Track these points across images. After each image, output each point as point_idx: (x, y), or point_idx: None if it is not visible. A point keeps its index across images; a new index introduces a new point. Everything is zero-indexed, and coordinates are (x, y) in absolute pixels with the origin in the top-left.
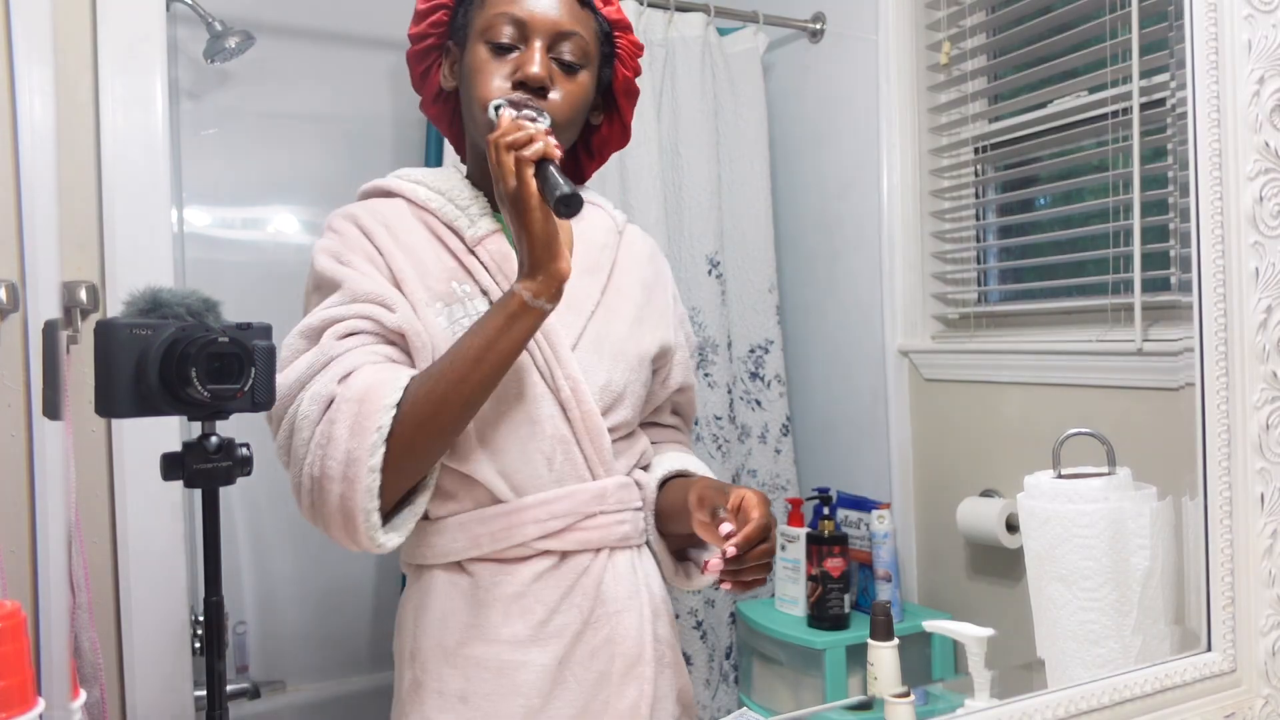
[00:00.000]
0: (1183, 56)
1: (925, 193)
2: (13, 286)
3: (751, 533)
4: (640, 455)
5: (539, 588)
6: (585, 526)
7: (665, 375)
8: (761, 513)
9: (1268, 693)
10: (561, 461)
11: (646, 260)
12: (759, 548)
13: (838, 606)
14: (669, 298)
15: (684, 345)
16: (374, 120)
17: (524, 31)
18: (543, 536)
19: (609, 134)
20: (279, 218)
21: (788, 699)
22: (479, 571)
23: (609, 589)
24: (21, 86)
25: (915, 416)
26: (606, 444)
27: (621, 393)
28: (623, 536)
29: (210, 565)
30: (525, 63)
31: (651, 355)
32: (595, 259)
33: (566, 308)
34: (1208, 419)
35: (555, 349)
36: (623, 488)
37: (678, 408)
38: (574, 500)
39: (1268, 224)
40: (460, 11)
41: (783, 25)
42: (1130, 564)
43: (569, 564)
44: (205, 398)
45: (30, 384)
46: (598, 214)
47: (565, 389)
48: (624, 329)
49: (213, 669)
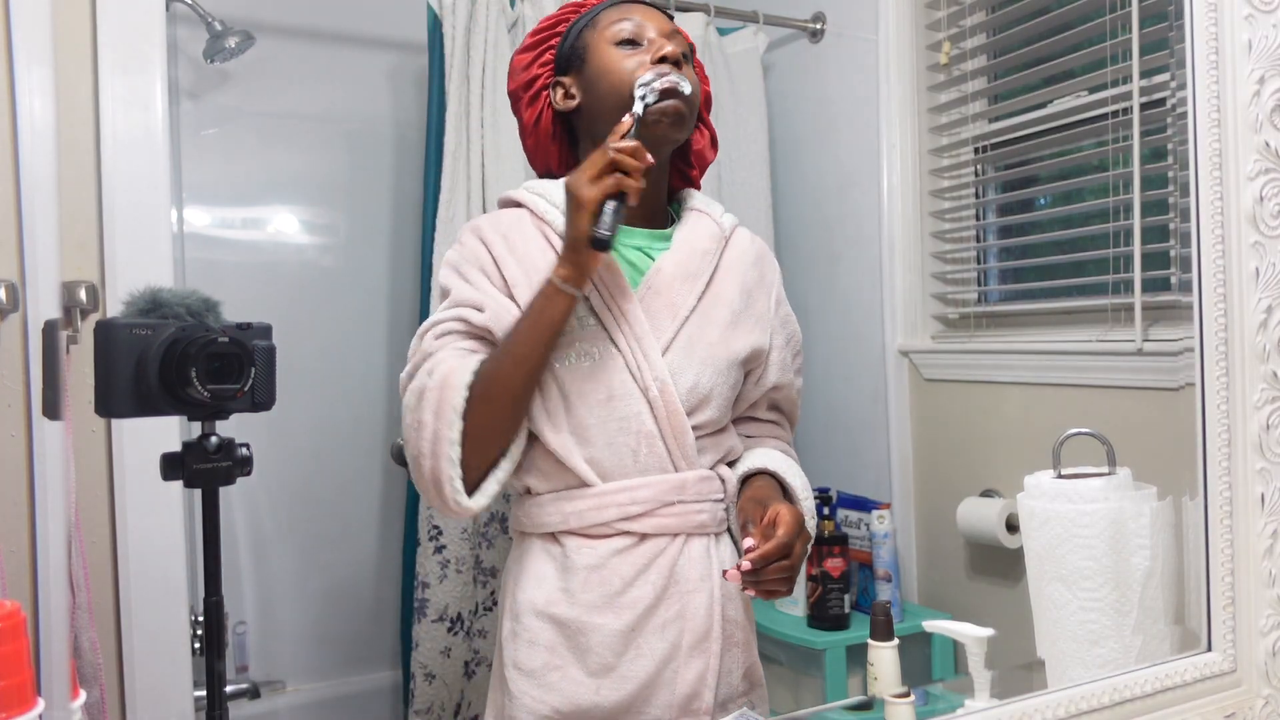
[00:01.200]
0: (1183, 56)
1: (925, 193)
2: (13, 286)
3: (768, 550)
4: (727, 451)
5: (617, 562)
6: (664, 514)
7: (760, 375)
8: (786, 530)
9: (1268, 693)
10: (646, 454)
11: (751, 264)
12: (776, 564)
13: (838, 606)
14: (771, 301)
15: (782, 346)
16: (374, 120)
17: (646, 30)
18: (623, 519)
19: (703, 144)
20: (279, 218)
21: (788, 699)
22: (568, 543)
23: (683, 570)
24: (21, 86)
25: (915, 416)
26: (690, 440)
27: (708, 394)
28: (699, 524)
29: (210, 565)
30: (661, 46)
31: (742, 358)
32: (696, 265)
33: (662, 312)
34: (1208, 419)
35: (646, 352)
36: (703, 480)
37: (775, 404)
38: (654, 490)
39: (1268, 224)
40: (567, 44)
41: (783, 25)
42: (1130, 564)
43: (646, 545)
44: (205, 398)
45: (30, 384)
46: (703, 222)
47: (654, 389)
48: (716, 334)
49: (213, 669)
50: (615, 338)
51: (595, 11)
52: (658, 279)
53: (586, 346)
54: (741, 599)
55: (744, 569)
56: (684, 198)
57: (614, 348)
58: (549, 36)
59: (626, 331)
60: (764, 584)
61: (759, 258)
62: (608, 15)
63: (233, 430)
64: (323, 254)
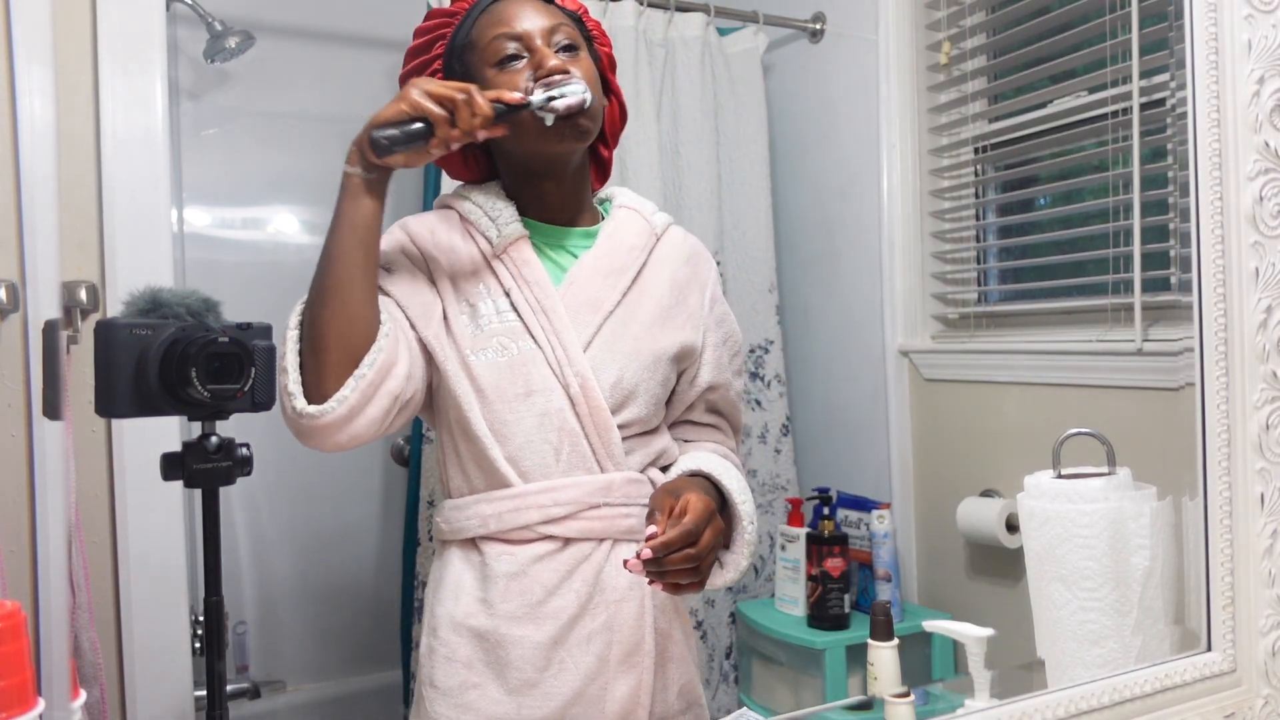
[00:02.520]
0: (1182, 56)
1: (925, 193)
2: (13, 286)
3: (671, 538)
4: (659, 453)
5: (538, 569)
6: (588, 516)
7: (693, 374)
8: (693, 517)
9: (1268, 693)
10: (569, 453)
11: (684, 260)
12: (680, 553)
13: (838, 606)
14: (705, 299)
15: (718, 344)
16: None
17: (523, 41)
18: (545, 522)
19: (614, 112)
20: (279, 218)
21: (788, 699)
22: (487, 549)
23: (609, 578)
24: (21, 87)
25: (915, 416)
26: (615, 439)
27: (633, 390)
28: (627, 529)
29: (210, 565)
30: (541, 61)
31: (671, 354)
32: (622, 261)
33: (584, 307)
34: (1208, 419)
35: (566, 347)
36: (630, 483)
37: (714, 406)
38: (579, 490)
39: (1268, 224)
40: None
41: (783, 25)
42: (1130, 564)
43: (570, 550)
44: (205, 398)
45: (30, 384)
46: (632, 219)
47: (574, 385)
48: (641, 329)
49: (213, 669)
50: (534, 332)
51: (469, 26)
52: (579, 273)
53: (505, 341)
54: (675, 612)
55: (644, 557)
56: (614, 196)
57: (533, 342)
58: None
59: (545, 326)
60: (668, 575)
61: (692, 255)
62: (483, 31)
63: (233, 430)
64: None
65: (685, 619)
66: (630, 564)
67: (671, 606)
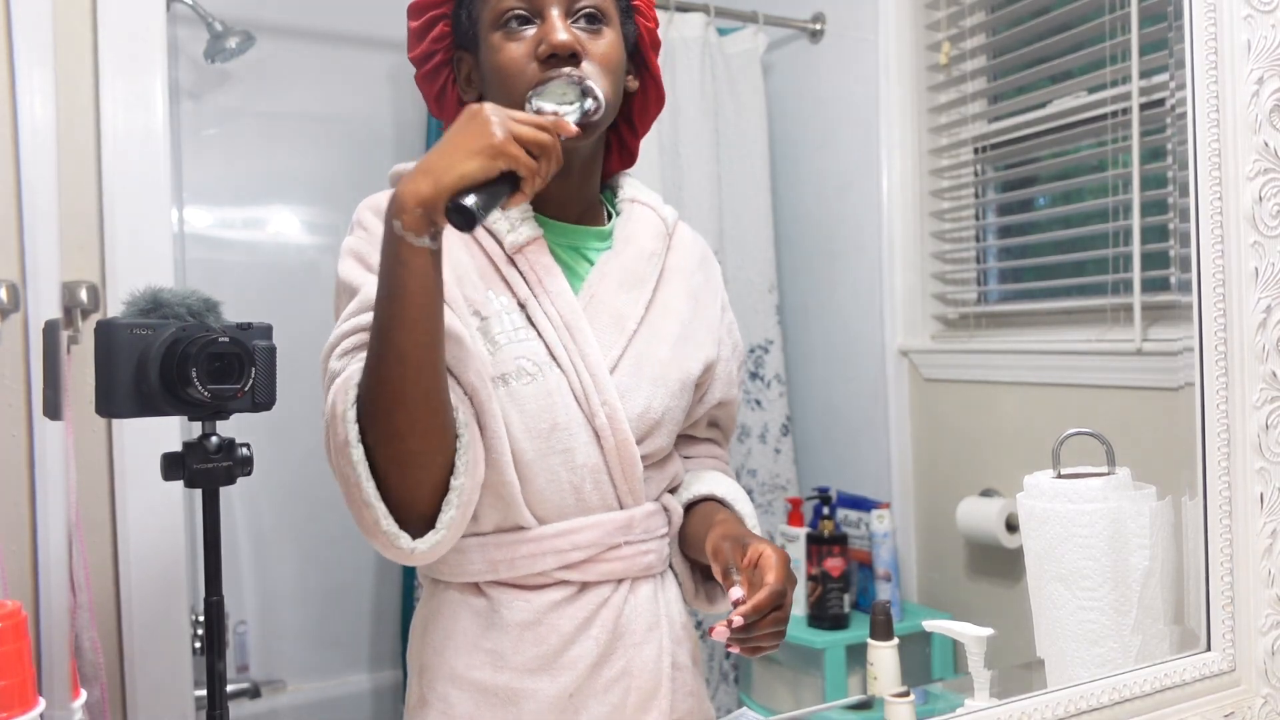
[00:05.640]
0: (1182, 56)
1: (925, 193)
2: (13, 286)
3: (761, 601)
4: (672, 478)
5: (554, 617)
6: (609, 558)
7: (705, 391)
8: (776, 577)
9: (1267, 692)
10: (590, 491)
11: (697, 266)
12: (770, 615)
13: (837, 606)
14: (718, 307)
15: (729, 357)
16: (374, 120)
17: (537, 3)
18: (562, 567)
19: (646, 97)
20: (279, 218)
21: (788, 699)
22: (496, 595)
23: (628, 621)
24: (22, 87)
25: (915, 416)
26: (639, 474)
27: (660, 420)
28: (646, 566)
29: (210, 565)
30: (547, 33)
31: (695, 377)
32: (641, 271)
33: (608, 325)
34: (1207, 419)
35: (593, 371)
36: (650, 515)
37: (715, 420)
38: (599, 531)
39: (1267, 224)
40: (462, 14)
41: (783, 25)
42: (1130, 564)
43: (588, 595)
44: (205, 398)
45: (30, 384)
46: (647, 216)
47: (600, 416)
48: (667, 351)
49: (213, 669)
50: (557, 353)
51: None
52: (599, 283)
53: (526, 365)
54: (690, 642)
55: (735, 625)
56: (616, 186)
57: (556, 365)
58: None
59: (569, 346)
60: (754, 640)
61: (704, 258)
62: None
63: (233, 430)
64: (323, 254)
65: (696, 648)
66: (717, 631)
67: (688, 639)
